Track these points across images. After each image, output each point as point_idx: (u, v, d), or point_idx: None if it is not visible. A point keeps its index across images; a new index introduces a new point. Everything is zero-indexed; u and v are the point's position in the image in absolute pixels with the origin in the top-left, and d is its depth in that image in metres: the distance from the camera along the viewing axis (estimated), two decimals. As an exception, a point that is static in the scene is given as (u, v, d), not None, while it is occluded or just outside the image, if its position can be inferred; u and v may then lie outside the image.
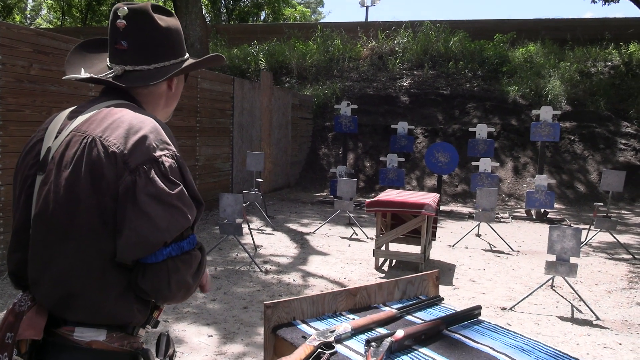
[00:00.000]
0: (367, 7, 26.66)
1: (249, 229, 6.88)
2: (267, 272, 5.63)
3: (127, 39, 1.35)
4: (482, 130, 9.81)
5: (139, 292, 1.16)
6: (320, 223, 8.08)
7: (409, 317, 1.92)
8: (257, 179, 8.06)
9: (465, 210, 10.15)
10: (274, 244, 6.86)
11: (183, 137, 8.01)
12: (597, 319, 4.56)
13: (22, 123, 5.30)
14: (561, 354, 1.64)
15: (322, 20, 30.60)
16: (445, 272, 5.87)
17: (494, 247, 7.13)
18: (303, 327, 1.83)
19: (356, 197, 10.33)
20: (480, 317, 1.94)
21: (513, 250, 6.97)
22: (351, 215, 7.89)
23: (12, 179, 4.41)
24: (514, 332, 1.81)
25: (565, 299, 5.06)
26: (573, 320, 4.55)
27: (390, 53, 16.02)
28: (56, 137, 1.24)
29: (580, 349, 3.96)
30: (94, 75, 1.37)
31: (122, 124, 1.20)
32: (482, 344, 1.70)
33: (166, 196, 1.13)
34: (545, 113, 9.19)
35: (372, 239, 7.15)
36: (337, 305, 2.00)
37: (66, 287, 1.14)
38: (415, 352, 1.62)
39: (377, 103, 13.93)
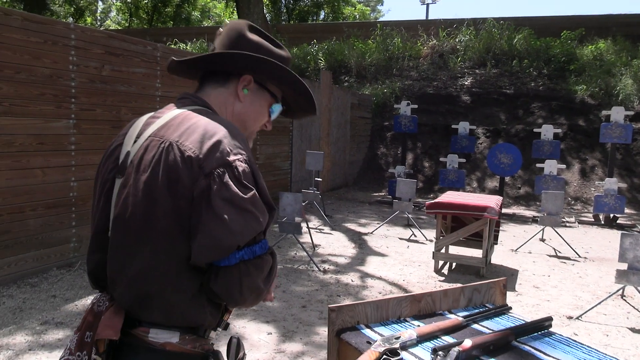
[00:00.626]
0: (427, 5, 26.27)
1: (308, 228, 6.92)
2: (325, 271, 5.65)
3: (217, 44, 1.43)
4: (547, 131, 9.48)
5: (211, 295, 1.18)
6: (378, 223, 8.04)
7: (475, 326, 1.87)
8: (316, 178, 8.10)
9: (529, 213, 9.85)
10: (332, 244, 6.87)
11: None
12: (672, 332, 4.32)
13: (94, 122, 5.53)
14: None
15: (381, 19, 30.42)
16: (508, 278, 5.70)
17: (560, 252, 6.88)
18: (367, 332, 1.81)
19: (415, 198, 10.22)
20: (551, 329, 1.88)
21: (580, 256, 6.70)
22: (410, 216, 7.81)
23: (85, 175, 4.61)
24: (588, 346, 1.74)
25: (637, 309, 4.82)
26: (645, 332, 4.33)
27: (452, 51, 15.73)
28: (135, 141, 1.28)
29: (654, 363, 3.77)
30: (190, 57, 1.42)
31: (197, 129, 1.22)
32: (554, 357, 1.63)
33: (240, 200, 1.15)
34: (617, 113, 8.78)
35: (431, 241, 7.05)
36: (401, 310, 1.97)
37: (142, 288, 1.17)
38: (484, 363, 1.58)
39: (438, 102, 13.71)
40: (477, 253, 6.00)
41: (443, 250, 6.02)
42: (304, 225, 6.90)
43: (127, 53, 5.89)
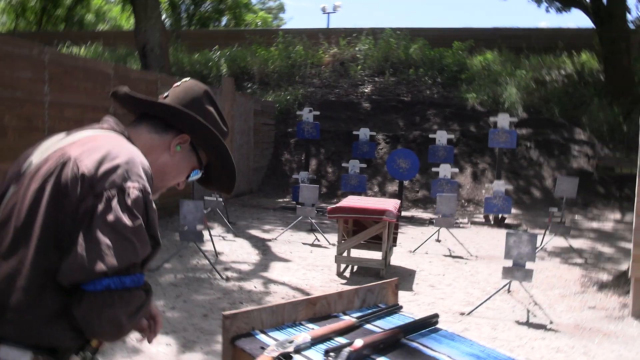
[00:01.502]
0: (328, 14, 26.82)
1: (210, 235, 6.81)
2: (228, 279, 5.59)
3: (170, 92, 1.47)
4: (442, 137, 9.98)
5: (72, 319, 1.12)
6: (282, 229, 8.07)
7: (368, 326, 1.93)
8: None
9: (426, 215, 10.30)
10: (236, 251, 6.81)
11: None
12: (551, 322, 4.68)
13: (-27, 128, 5.13)
14: (515, 360, 1.67)
15: (283, 27, 30.61)
16: (406, 278, 5.93)
17: (454, 252, 7.25)
18: (262, 337, 1.81)
19: (318, 203, 10.35)
20: (438, 325, 1.97)
21: (472, 255, 7.11)
22: (313, 221, 7.91)
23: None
24: (471, 340, 1.84)
25: (522, 303, 5.17)
26: (528, 324, 4.66)
27: (352, 59, 16.15)
28: (42, 154, 1.26)
29: (535, 352, 4.06)
30: (128, 92, 1.42)
31: (101, 149, 1.20)
32: (439, 352, 1.71)
33: (122, 227, 1.12)
34: (502, 120, 9.42)
35: (334, 245, 7.16)
36: (297, 314, 1.99)
37: (1, 298, 1.11)
38: (374, 361, 1.63)
39: (339, 109, 14.01)
40: (377, 255, 6.18)
41: (345, 254, 6.15)
42: (206, 233, 6.78)
43: (10, 56, 5.52)
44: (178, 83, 1.52)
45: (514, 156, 12.46)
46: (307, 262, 6.42)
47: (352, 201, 6.20)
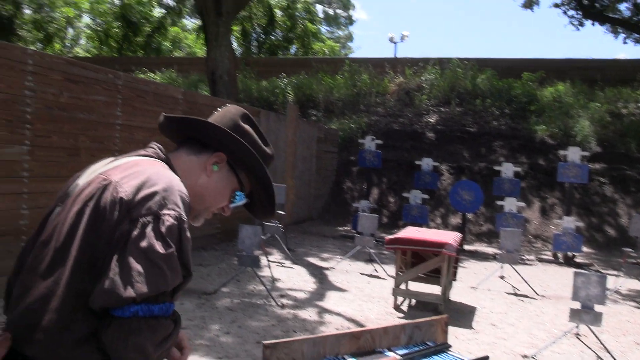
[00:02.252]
0: (395, 44, 26.88)
1: (268, 261, 6.84)
2: (283, 306, 5.56)
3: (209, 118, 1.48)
4: (508, 169, 9.67)
5: (101, 344, 1.12)
6: (340, 258, 8.00)
7: (413, 365, 1.85)
8: (278, 212, 8.05)
9: (490, 250, 9.95)
10: (293, 278, 6.80)
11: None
12: (623, 371, 4.35)
13: (50, 149, 5.41)
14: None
15: (350, 56, 30.94)
16: (466, 315, 5.71)
17: (518, 290, 6.94)
18: (303, 370, 1.77)
19: (379, 233, 10.24)
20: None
21: (537, 294, 6.77)
22: (372, 251, 7.80)
23: (38, 203, 4.48)
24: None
25: (590, 348, 4.85)
26: (598, 371, 4.35)
27: (417, 89, 16.06)
28: (88, 176, 1.30)
29: (604, 402, 3.78)
30: (171, 115, 1.46)
31: (141, 176, 1.22)
32: (487, 397, 1.62)
33: (154, 254, 1.11)
34: (573, 154, 9.03)
35: (392, 276, 7.03)
36: (339, 348, 1.93)
37: (33, 318, 1.12)
38: (416, 403, 1.55)
39: (403, 139, 13.91)
40: (436, 290, 6.00)
41: (403, 287, 6.00)
42: (263, 258, 6.82)
43: (87, 80, 5.83)
44: (219, 108, 1.53)
45: (586, 192, 11.89)
46: (363, 293, 6.31)
47: (410, 232, 6.07)
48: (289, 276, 6.87)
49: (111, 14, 27.63)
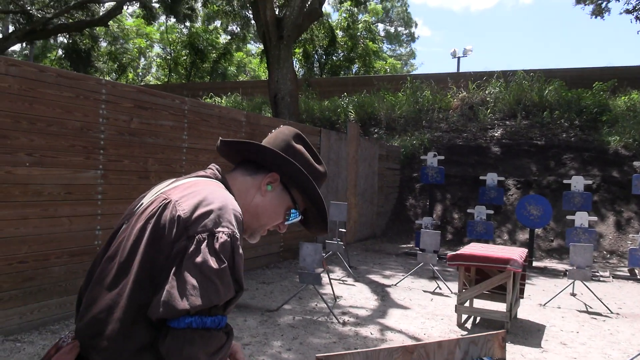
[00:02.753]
0: (458, 58, 26.60)
1: (329, 279, 6.88)
2: (344, 323, 5.57)
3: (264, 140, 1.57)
4: (578, 183, 9.31)
5: (159, 353, 1.19)
6: (403, 275, 7.93)
7: (468, 380, 1.83)
8: (340, 229, 8.09)
9: (561, 267, 9.56)
10: (354, 295, 6.80)
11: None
12: None
13: (121, 172, 5.72)
14: None
15: (413, 72, 30.85)
16: (534, 333, 5.52)
17: (590, 308, 6.63)
18: (355, 383, 1.79)
19: (443, 250, 10.07)
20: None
21: (612, 312, 6.45)
22: (435, 268, 7.68)
23: (110, 224, 4.75)
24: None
25: (671, 369, 4.57)
26: (678, 394, 4.09)
27: (481, 103, 15.77)
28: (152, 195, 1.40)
29: None
30: (233, 140, 1.54)
31: (198, 195, 1.30)
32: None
33: (208, 269, 1.18)
34: (649, 165, 8.58)
35: (456, 294, 6.89)
36: (392, 362, 1.94)
37: (98, 327, 1.21)
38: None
39: (467, 154, 13.67)
40: (502, 307, 5.84)
41: (467, 304, 5.88)
42: (325, 276, 6.87)
43: (155, 106, 6.13)
44: (273, 130, 1.60)
45: (666, 204, 11.23)
46: (426, 311, 6.23)
47: (474, 249, 5.95)
48: (350, 294, 6.88)
49: (180, 43, 28.86)
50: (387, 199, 13.07)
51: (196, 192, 1.32)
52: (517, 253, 5.69)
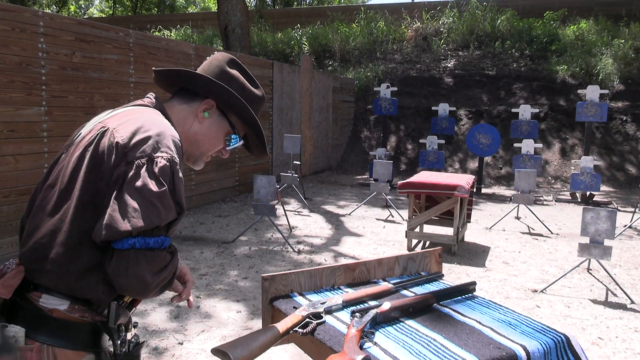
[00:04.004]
0: (413, -12, 26.15)
1: (284, 210, 7.00)
2: (299, 252, 5.74)
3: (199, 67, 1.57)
4: (525, 111, 9.57)
5: (107, 276, 1.24)
6: (357, 205, 8.12)
7: (404, 292, 1.96)
8: (294, 162, 8.16)
9: (508, 193, 9.96)
10: (309, 225, 6.96)
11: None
12: (632, 302, 4.44)
13: (66, 109, 5.56)
14: (548, 329, 1.65)
15: (369, 2, 30.25)
16: (479, 254, 5.82)
17: (533, 229, 7.00)
18: (300, 299, 1.90)
19: (397, 179, 10.31)
20: (475, 293, 1.97)
21: (552, 233, 6.83)
22: (387, 197, 7.90)
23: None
24: (505, 308, 1.83)
25: (601, 282, 4.94)
26: (606, 303, 4.45)
27: (435, 34, 15.75)
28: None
29: (610, 332, 3.89)
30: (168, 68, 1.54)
31: (136, 122, 1.32)
32: (470, 317, 1.72)
33: (148, 192, 1.21)
34: (592, 92, 8.88)
35: (407, 221, 7.14)
36: (335, 279, 2.05)
37: (43, 251, 1.24)
38: (401, 324, 1.66)
39: (421, 85, 13.76)
40: (450, 231, 6.11)
41: (417, 230, 6.12)
42: (280, 207, 6.98)
43: (98, 40, 5.91)
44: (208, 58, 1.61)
45: (608, 131, 11.70)
46: (378, 237, 6.45)
47: (423, 177, 6.13)
48: (305, 224, 7.04)
49: (124, -28, 27.38)
50: (342, 132, 13.15)
51: (134, 119, 1.33)
52: (464, 180, 5.89)
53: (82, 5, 30.78)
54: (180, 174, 1.32)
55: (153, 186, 1.22)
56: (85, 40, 5.72)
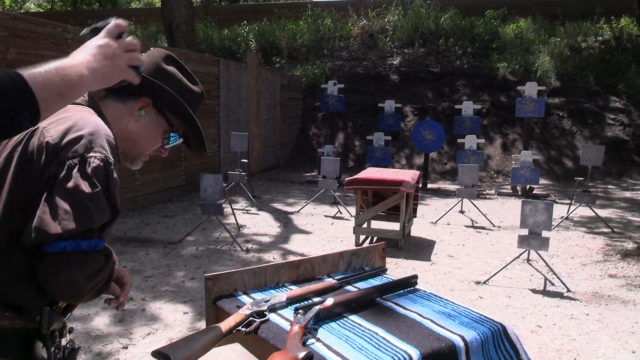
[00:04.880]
0: (359, -15, 26.38)
1: (232, 209, 6.94)
2: (248, 250, 5.71)
3: None
4: (468, 108, 9.83)
5: (36, 283, 1.20)
6: (305, 202, 8.15)
7: (348, 287, 1.98)
8: (241, 160, 8.10)
9: (453, 187, 10.20)
10: (258, 224, 6.93)
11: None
12: (568, 291, 4.64)
13: (0, 107, 5.32)
14: (486, 319, 1.70)
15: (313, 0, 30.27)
16: (425, 249, 5.95)
17: (476, 223, 7.21)
18: (244, 298, 1.89)
19: (345, 176, 10.39)
20: (417, 286, 2.01)
21: (494, 225, 7.05)
22: (336, 194, 7.95)
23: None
24: (446, 300, 1.88)
25: (540, 272, 5.14)
26: (545, 292, 4.63)
27: (381, 31, 15.95)
28: None
29: (548, 319, 4.05)
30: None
31: (68, 121, 1.26)
32: (411, 310, 1.76)
33: (80, 194, 1.17)
34: (530, 89, 9.20)
35: (355, 217, 7.21)
36: (279, 277, 2.06)
37: None
38: (344, 319, 1.68)
39: (367, 82, 13.91)
40: (396, 227, 6.21)
41: (365, 226, 6.19)
42: (227, 206, 6.92)
43: (34, 35, 5.69)
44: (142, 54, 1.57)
45: (546, 126, 12.17)
46: (327, 234, 6.49)
47: (370, 173, 6.21)
48: (253, 222, 7.01)
49: (62, -35, 26.40)
50: (290, 129, 13.14)
51: (65, 118, 1.28)
52: (409, 175, 6.00)
53: (19, 0, 29.52)
54: (115, 175, 1.28)
55: (85, 187, 1.18)
56: (20, 35, 5.50)
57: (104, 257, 1.26)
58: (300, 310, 1.63)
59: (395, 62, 14.64)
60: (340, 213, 7.65)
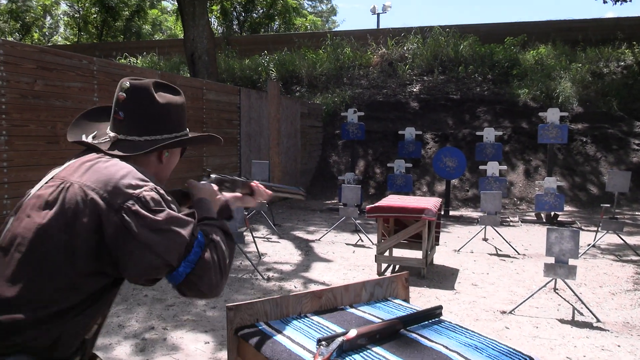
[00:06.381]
0: (378, 15, 26.70)
1: (253, 237, 6.93)
2: (269, 279, 5.68)
3: (125, 110, 1.47)
4: (489, 134, 9.77)
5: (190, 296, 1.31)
6: (326, 230, 8.11)
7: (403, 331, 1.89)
8: (262, 188, 8.11)
9: (475, 214, 10.09)
10: (279, 252, 6.91)
11: (190, 148, 8.12)
12: (598, 321, 4.51)
13: (27, 137, 5.44)
14: (514, 351, 1.65)
15: (336, 29, 30.71)
16: (448, 277, 5.85)
17: (500, 250, 7.09)
18: (266, 328, 1.86)
19: (366, 203, 10.34)
20: (442, 317, 1.96)
21: (519, 253, 6.92)
22: (357, 222, 7.91)
23: (19, 192, 4.56)
24: (472, 331, 1.82)
25: (567, 301, 5.01)
26: (573, 322, 4.50)
27: (400, 59, 16.04)
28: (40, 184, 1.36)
29: (578, 351, 3.92)
30: (86, 140, 1.49)
31: (100, 170, 1.30)
32: (436, 342, 1.71)
33: (155, 223, 1.22)
34: (552, 115, 9.12)
35: (376, 245, 7.15)
36: (302, 307, 2.03)
37: (15, 325, 1.20)
38: (368, 351, 1.64)
39: (387, 109, 13.95)
40: (419, 255, 6.13)
41: (387, 254, 6.12)
42: (248, 234, 6.92)
43: (61, 67, 5.83)
44: (121, 92, 1.51)
45: (569, 152, 12.02)
46: (348, 262, 6.43)
47: (391, 200, 6.17)
48: (275, 250, 6.98)
49: (89, 0, 27.21)
50: (311, 157, 13.19)
51: (94, 167, 1.31)
52: (431, 203, 5.95)
53: (46, 33, 30.43)
54: (168, 196, 1.33)
55: (154, 216, 1.22)
56: (48, 68, 5.64)
57: (210, 244, 1.31)
58: (324, 342, 1.59)
59: (415, 90, 14.67)
60: (362, 241, 7.59)
